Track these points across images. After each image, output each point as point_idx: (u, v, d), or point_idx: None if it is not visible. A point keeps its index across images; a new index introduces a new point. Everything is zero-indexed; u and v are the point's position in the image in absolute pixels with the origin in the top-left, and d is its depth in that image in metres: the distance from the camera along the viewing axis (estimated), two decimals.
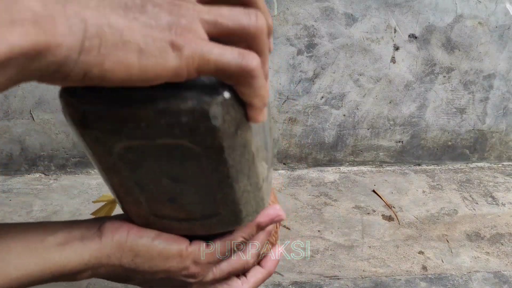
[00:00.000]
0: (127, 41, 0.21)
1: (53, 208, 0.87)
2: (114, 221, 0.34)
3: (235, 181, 0.30)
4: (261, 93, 0.26)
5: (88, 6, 0.21)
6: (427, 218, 0.88)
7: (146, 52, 0.21)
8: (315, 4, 0.89)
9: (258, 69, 0.24)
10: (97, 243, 0.32)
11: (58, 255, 0.31)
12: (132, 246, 0.33)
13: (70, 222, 0.34)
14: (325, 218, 0.86)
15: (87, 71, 0.21)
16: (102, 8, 0.21)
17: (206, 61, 0.23)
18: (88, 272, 0.33)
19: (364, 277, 0.71)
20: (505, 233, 0.84)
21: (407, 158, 1.07)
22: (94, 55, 0.20)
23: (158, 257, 0.34)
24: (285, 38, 0.91)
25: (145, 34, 0.21)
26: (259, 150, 0.31)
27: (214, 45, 0.23)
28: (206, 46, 0.23)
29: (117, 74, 0.21)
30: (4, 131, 0.94)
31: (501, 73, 1.00)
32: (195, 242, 0.35)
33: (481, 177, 1.03)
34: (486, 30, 0.94)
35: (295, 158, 1.03)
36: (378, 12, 0.90)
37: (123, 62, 0.21)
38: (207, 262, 0.36)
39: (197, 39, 0.23)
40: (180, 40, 0.22)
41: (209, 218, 0.33)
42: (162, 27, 0.22)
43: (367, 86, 0.97)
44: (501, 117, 1.04)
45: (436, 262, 0.76)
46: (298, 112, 0.98)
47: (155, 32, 0.22)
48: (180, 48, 0.22)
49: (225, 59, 0.23)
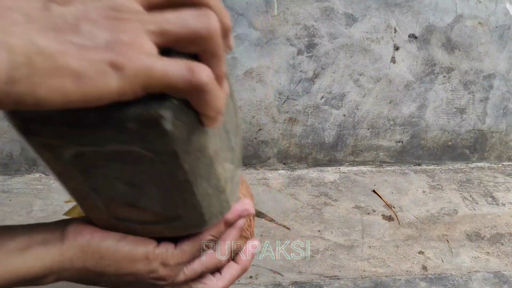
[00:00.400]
0: (60, 66, 0.20)
1: (53, 208, 0.87)
2: (78, 224, 0.33)
3: (194, 185, 0.29)
4: (215, 104, 0.24)
5: (14, 32, 0.19)
6: (427, 218, 0.88)
7: (83, 76, 0.20)
8: (315, 4, 0.89)
9: (208, 83, 0.23)
10: (59, 247, 0.32)
11: (19, 260, 0.31)
12: (96, 249, 0.32)
13: (32, 225, 0.33)
14: (325, 218, 0.86)
15: (20, 100, 0.20)
16: (30, 33, 0.20)
17: (151, 78, 0.21)
18: (53, 276, 0.32)
19: (364, 277, 0.71)
20: (505, 233, 0.84)
21: (407, 158, 1.07)
22: (25, 85, 0.19)
23: (124, 260, 0.33)
24: (285, 38, 0.91)
25: (80, 57, 0.20)
26: (220, 152, 0.31)
27: (158, 60, 0.22)
28: (149, 61, 0.21)
29: (54, 101, 0.20)
30: (4, 131, 0.94)
31: (501, 73, 1.00)
32: (162, 244, 0.34)
33: (481, 177, 1.03)
34: (486, 30, 0.94)
35: (295, 158, 1.03)
36: (378, 12, 0.90)
37: (58, 89, 0.20)
38: (176, 264, 0.35)
39: (141, 54, 0.21)
40: (120, 59, 0.21)
41: (172, 221, 0.32)
42: (99, 47, 0.21)
43: (367, 86, 0.97)
44: (501, 117, 1.04)
45: (436, 262, 0.76)
46: (298, 112, 0.98)
47: (92, 54, 0.20)
48: (121, 67, 0.21)
49: (171, 75, 0.22)
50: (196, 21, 0.22)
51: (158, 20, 0.22)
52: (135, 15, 0.22)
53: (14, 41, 0.19)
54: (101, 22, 0.21)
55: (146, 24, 0.22)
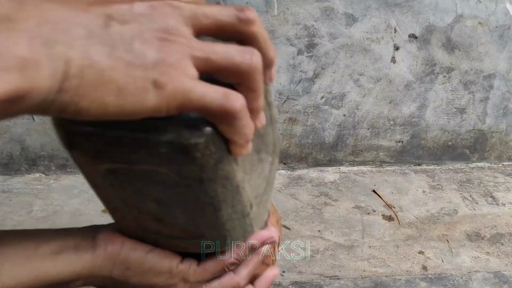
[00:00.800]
0: (107, 81, 0.21)
1: (53, 208, 0.87)
2: (109, 232, 0.34)
3: (217, 210, 0.30)
4: (244, 132, 0.26)
5: (74, 46, 0.21)
6: (427, 218, 0.88)
7: (125, 91, 0.22)
8: (315, 4, 0.89)
9: (241, 111, 0.24)
10: (90, 253, 0.33)
11: (51, 264, 0.32)
12: (124, 259, 0.33)
13: (65, 230, 0.34)
14: (325, 218, 0.86)
15: (62, 109, 0.21)
16: (88, 47, 0.21)
17: (188, 99, 0.23)
18: (80, 282, 0.33)
19: (364, 277, 0.71)
20: (505, 233, 0.84)
21: (407, 158, 1.07)
22: (71, 94, 0.21)
23: (148, 272, 0.34)
24: (285, 38, 0.91)
25: (127, 73, 0.22)
26: (248, 179, 0.32)
27: (198, 84, 0.23)
28: (189, 84, 0.23)
29: (93, 111, 0.22)
30: (5, 131, 0.94)
31: (501, 73, 1.00)
32: (186, 260, 0.35)
33: (481, 177, 1.03)
34: (486, 30, 0.94)
35: (295, 158, 1.03)
36: (378, 12, 0.90)
37: (99, 101, 0.21)
38: (196, 281, 0.36)
39: (182, 76, 0.23)
40: (163, 79, 0.22)
41: (197, 238, 0.34)
42: (146, 66, 0.22)
43: (367, 86, 0.98)
44: (501, 117, 1.04)
45: (436, 262, 0.76)
46: (298, 112, 0.98)
47: (138, 71, 0.22)
48: (162, 86, 0.22)
49: (207, 99, 0.23)
50: (240, 56, 0.24)
51: (205, 49, 0.24)
52: (184, 39, 0.23)
53: (72, 54, 0.21)
54: (152, 42, 0.23)
55: (194, 50, 0.23)
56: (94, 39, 0.21)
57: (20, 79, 0.19)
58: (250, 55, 0.24)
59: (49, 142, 0.96)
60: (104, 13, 0.22)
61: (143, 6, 0.23)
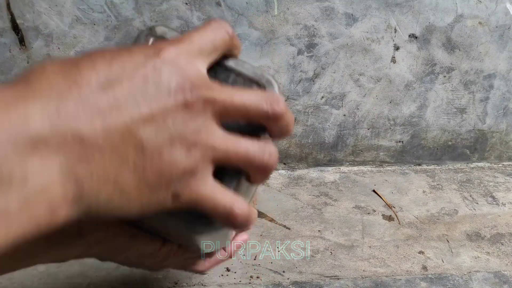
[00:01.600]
0: (131, 199, 0.23)
1: None
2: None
3: (200, 244, 0.35)
4: (242, 229, 0.28)
5: (104, 168, 0.22)
6: (427, 218, 0.88)
7: (144, 203, 0.24)
8: (316, 4, 0.89)
9: (242, 221, 0.27)
10: (77, 240, 0.36)
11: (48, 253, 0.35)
12: (109, 243, 0.36)
13: None
14: (325, 218, 0.86)
15: (85, 212, 0.23)
16: (118, 173, 0.22)
17: (199, 205, 0.26)
18: (69, 259, 0.36)
19: (364, 277, 0.71)
20: (506, 233, 0.84)
21: (407, 158, 1.07)
22: (92, 215, 0.23)
23: (132, 256, 0.37)
24: (285, 38, 0.91)
25: (150, 195, 0.24)
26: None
27: (211, 190, 0.26)
28: (204, 192, 0.25)
29: (115, 214, 0.24)
30: None
31: (501, 73, 1.00)
32: (167, 244, 0.38)
33: (482, 177, 1.03)
34: (486, 30, 0.94)
35: (295, 158, 1.03)
36: (378, 12, 0.90)
37: (119, 213, 0.24)
38: (176, 259, 0.40)
39: (200, 184, 0.25)
40: (182, 190, 0.24)
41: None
42: (170, 182, 0.24)
43: (367, 86, 0.98)
44: (502, 117, 1.04)
45: (436, 262, 0.76)
46: (298, 112, 0.98)
47: (162, 191, 0.24)
48: (179, 196, 0.24)
49: (216, 208, 0.26)
50: (259, 158, 0.27)
51: (229, 148, 0.26)
52: (210, 141, 0.25)
53: (99, 175, 0.22)
54: (180, 151, 0.24)
55: (216, 151, 0.25)
56: (125, 165, 0.22)
57: (47, 215, 0.21)
58: (268, 156, 0.27)
59: None
60: (135, 123, 0.23)
61: (177, 109, 0.24)
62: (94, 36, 0.87)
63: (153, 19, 0.87)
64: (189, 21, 0.88)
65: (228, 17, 0.88)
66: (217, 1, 0.87)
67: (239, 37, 0.90)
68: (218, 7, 0.87)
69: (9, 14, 0.83)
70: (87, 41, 0.87)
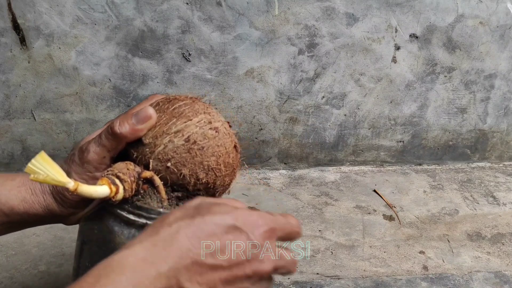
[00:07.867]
0: None
1: None
2: None
3: None
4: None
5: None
6: (428, 218, 0.88)
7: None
8: (316, 4, 0.89)
9: None
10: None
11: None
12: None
13: None
14: (326, 218, 0.86)
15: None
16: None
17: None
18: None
19: (365, 276, 0.71)
20: (506, 233, 0.84)
21: (408, 158, 1.07)
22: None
23: None
24: (286, 37, 0.91)
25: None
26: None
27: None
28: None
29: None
30: (6, 130, 0.94)
31: (502, 73, 0.99)
32: None
33: (482, 177, 1.03)
34: (487, 29, 0.94)
35: (296, 157, 1.03)
36: (379, 11, 0.90)
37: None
38: None
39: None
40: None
41: None
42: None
43: (368, 85, 0.98)
44: (502, 117, 1.04)
45: (437, 262, 0.76)
46: (299, 112, 0.98)
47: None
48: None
49: None
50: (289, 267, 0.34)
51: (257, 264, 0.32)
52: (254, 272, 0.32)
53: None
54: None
55: (252, 280, 0.32)
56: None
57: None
58: (294, 266, 0.34)
59: (50, 142, 0.96)
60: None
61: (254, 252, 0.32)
62: (95, 36, 0.87)
63: (153, 19, 0.87)
64: (190, 21, 0.88)
65: (229, 17, 0.88)
66: (218, 1, 0.87)
67: (239, 37, 0.90)
68: (219, 7, 0.87)
69: (10, 14, 0.83)
70: (88, 41, 0.87)
